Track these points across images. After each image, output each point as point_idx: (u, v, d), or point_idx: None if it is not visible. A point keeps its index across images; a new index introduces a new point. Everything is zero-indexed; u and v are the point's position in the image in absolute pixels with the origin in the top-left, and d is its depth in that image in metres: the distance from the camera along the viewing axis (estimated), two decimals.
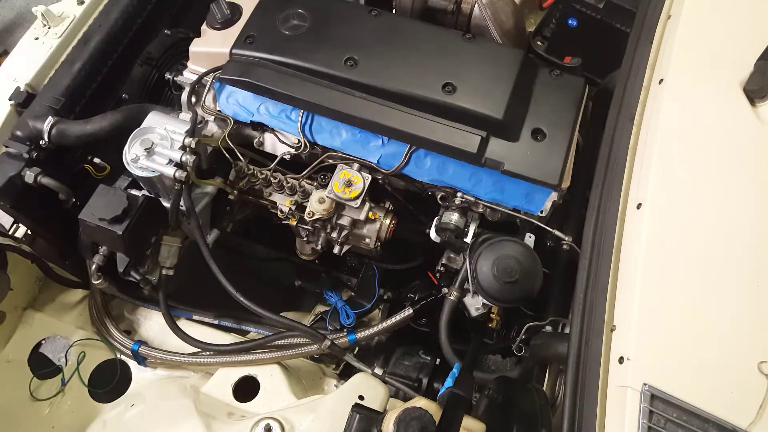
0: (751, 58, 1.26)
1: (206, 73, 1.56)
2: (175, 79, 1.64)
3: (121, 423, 1.59)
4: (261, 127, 1.59)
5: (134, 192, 1.54)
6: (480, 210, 1.51)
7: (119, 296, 1.76)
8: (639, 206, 1.16)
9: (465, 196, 1.48)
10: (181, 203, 1.49)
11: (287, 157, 1.57)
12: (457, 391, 1.22)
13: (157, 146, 1.47)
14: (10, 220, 1.62)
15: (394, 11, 1.73)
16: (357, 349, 1.71)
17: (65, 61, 1.63)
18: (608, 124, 1.36)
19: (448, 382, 1.34)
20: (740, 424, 0.94)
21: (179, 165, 1.45)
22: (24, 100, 1.58)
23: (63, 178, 1.54)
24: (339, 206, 1.54)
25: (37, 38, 1.68)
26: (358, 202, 1.50)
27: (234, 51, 1.53)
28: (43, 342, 1.73)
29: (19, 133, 1.52)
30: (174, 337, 1.67)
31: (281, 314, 1.59)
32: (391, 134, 1.47)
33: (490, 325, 1.57)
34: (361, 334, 1.60)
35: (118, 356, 1.72)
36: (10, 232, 1.63)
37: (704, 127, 1.23)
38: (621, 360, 1.02)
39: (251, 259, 2.04)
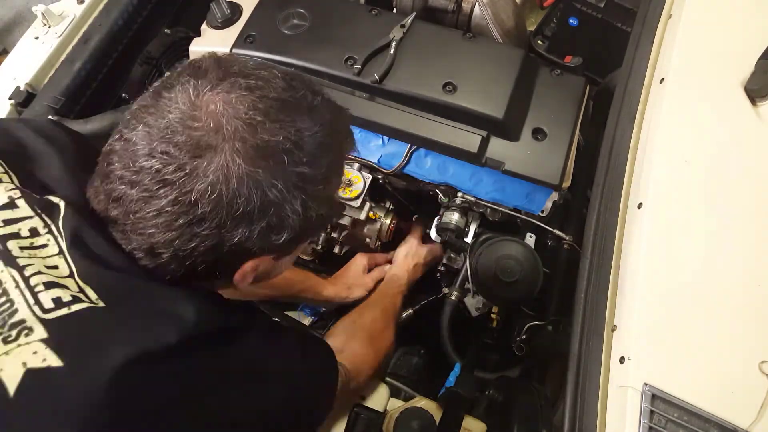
0: (752, 57, 1.26)
1: None
2: None
3: None
4: None
5: None
6: (480, 210, 1.51)
7: None
8: (640, 206, 1.16)
9: (465, 195, 1.48)
10: None
11: None
12: (457, 390, 1.22)
13: None
14: None
15: (394, 11, 1.73)
16: None
17: (65, 60, 1.62)
18: (609, 123, 1.35)
19: (449, 381, 1.34)
20: (741, 424, 0.94)
21: None
22: (24, 100, 1.58)
23: None
24: None
25: (37, 37, 1.67)
26: (359, 201, 1.50)
27: (234, 50, 1.53)
28: None
29: None
30: None
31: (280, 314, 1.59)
32: (392, 134, 1.47)
33: (491, 324, 1.57)
34: None
35: None
36: None
37: (705, 126, 1.23)
38: (622, 360, 1.02)
39: None
